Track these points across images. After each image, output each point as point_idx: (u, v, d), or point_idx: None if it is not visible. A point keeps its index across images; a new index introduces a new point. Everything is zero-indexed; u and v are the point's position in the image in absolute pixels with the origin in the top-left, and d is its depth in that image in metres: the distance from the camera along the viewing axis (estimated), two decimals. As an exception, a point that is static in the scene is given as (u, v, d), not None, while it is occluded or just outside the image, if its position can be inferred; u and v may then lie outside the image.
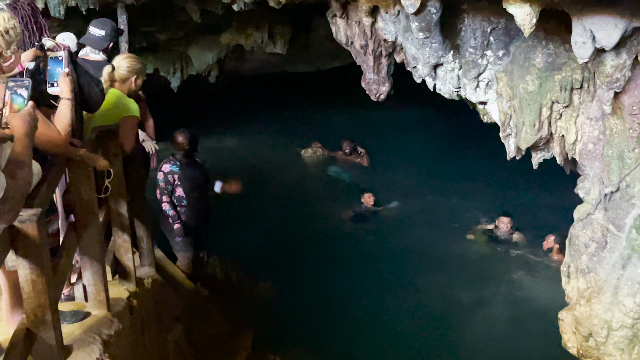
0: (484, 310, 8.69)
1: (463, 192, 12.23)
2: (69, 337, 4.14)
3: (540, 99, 5.62)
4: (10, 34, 3.41)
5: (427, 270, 9.74)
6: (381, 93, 7.09)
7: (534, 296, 8.85)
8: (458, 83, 6.34)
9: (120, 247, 5.26)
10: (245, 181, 12.72)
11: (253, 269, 9.52)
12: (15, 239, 3.07)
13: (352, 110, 15.99)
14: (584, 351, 5.55)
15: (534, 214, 10.98)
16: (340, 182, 13.30)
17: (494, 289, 9.23)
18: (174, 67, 12.58)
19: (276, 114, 16.42)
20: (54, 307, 3.36)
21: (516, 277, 9.45)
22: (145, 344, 5.35)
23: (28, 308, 3.24)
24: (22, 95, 2.99)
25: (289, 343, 8.05)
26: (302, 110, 16.53)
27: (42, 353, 3.33)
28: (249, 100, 16.58)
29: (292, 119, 16.35)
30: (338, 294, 9.08)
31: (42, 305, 3.23)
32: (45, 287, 3.20)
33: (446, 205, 11.86)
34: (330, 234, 10.83)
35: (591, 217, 5.52)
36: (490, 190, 12.09)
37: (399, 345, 8.09)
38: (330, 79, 16.42)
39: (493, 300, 8.95)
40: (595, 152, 5.56)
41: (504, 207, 10.77)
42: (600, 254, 5.37)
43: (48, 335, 3.30)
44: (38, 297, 3.21)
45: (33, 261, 3.14)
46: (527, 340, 7.90)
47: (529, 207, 11.29)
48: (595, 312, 5.35)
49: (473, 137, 13.17)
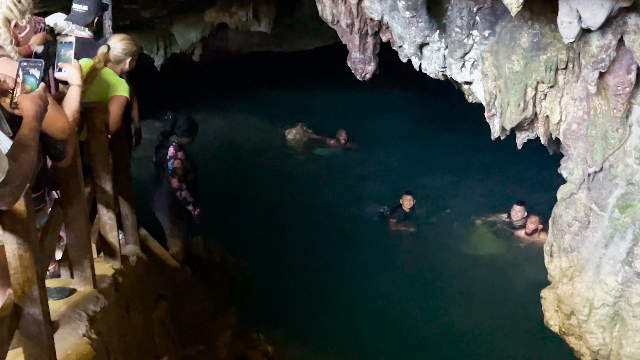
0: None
1: (450, 172, 12.33)
2: (55, 314, 4.15)
3: (525, 79, 5.62)
4: (22, 2, 3.39)
5: (410, 248, 9.84)
6: (367, 72, 7.07)
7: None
8: (444, 63, 6.34)
9: (105, 224, 5.25)
10: (228, 161, 12.78)
11: (236, 249, 9.55)
12: (2, 214, 3.05)
13: (337, 91, 15.98)
14: (566, 329, 5.62)
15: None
16: (325, 163, 13.31)
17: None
18: (157, 45, 12.51)
19: (260, 93, 16.40)
20: (41, 283, 3.34)
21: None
22: (130, 321, 5.35)
23: (15, 283, 3.22)
24: (34, 75, 2.95)
25: (272, 321, 8.10)
26: (287, 90, 16.50)
27: (29, 328, 3.32)
28: (233, 80, 16.52)
29: (277, 99, 16.34)
30: (321, 273, 9.16)
31: (29, 280, 3.21)
32: (33, 262, 3.19)
33: (435, 186, 11.95)
34: (313, 214, 10.87)
35: (574, 197, 5.57)
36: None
37: (381, 322, 8.17)
38: (316, 58, 16.39)
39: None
40: (579, 132, 5.59)
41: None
42: (583, 233, 5.43)
43: (35, 310, 3.28)
44: (25, 272, 3.19)
45: (20, 236, 3.12)
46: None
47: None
48: (578, 291, 5.41)
49: (457, 118, 13.23)
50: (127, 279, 5.36)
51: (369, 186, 12.06)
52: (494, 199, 10.92)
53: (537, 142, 6.23)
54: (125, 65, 5.55)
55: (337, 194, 11.76)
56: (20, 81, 2.92)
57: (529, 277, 8.38)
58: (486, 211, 10.58)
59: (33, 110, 2.85)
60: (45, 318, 3.38)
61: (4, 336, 3.10)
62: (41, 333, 3.36)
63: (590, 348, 5.40)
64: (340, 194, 11.77)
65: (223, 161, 12.81)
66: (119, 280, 5.13)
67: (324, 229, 10.43)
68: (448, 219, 10.65)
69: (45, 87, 3.00)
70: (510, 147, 6.63)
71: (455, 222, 10.51)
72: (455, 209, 10.90)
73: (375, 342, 7.86)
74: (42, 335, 3.36)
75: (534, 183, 10.97)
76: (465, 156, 12.73)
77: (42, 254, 3.46)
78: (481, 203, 10.94)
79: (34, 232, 3.26)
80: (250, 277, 9.03)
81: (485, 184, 11.68)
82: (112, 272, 5.11)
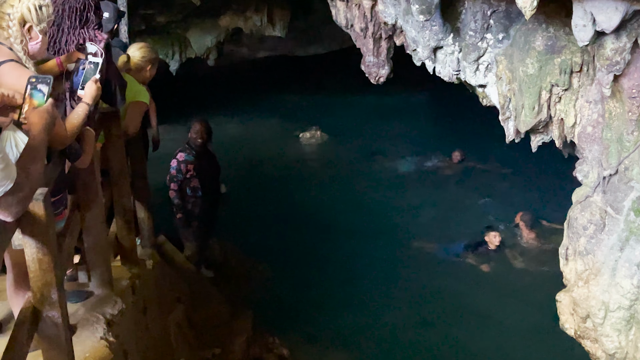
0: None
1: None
2: (73, 317, 4.20)
3: (539, 82, 5.62)
4: (42, 11, 3.45)
5: (428, 249, 9.84)
6: (381, 76, 7.09)
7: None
8: (458, 66, 6.34)
9: (122, 228, 5.30)
10: (243, 165, 12.83)
11: (252, 252, 9.59)
12: (22, 218, 3.10)
13: (351, 95, 16.00)
14: (582, 332, 5.60)
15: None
16: (338, 166, 13.33)
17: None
18: (172, 50, 12.57)
19: (275, 97, 16.44)
20: (60, 286, 3.39)
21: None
22: (147, 325, 5.40)
23: (34, 286, 3.27)
24: (42, 91, 2.99)
25: (288, 325, 8.12)
26: (301, 93, 16.54)
27: (48, 331, 3.37)
28: (248, 84, 16.58)
29: (291, 102, 16.39)
30: (337, 277, 9.16)
31: (48, 283, 3.27)
32: (52, 266, 3.24)
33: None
34: (328, 217, 10.88)
35: (590, 200, 5.55)
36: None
37: (401, 327, 8.17)
38: (329, 62, 16.43)
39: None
40: (594, 135, 5.58)
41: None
42: (599, 236, 5.41)
43: (54, 313, 3.33)
44: (44, 275, 3.25)
45: (39, 240, 3.17)
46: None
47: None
48: (593, 294, 5.39)
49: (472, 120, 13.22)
50: (144, 283, 5.41)
51: (385, 191, 12.05)
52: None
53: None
54: (146, 72, 5.64)
55: (353, 196, 11.77)
56: (29, 97, 2.97)
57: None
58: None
59: (40, 124, 2.92)
60: (64, 321, 3.43)
61: (23, 338, 3.16)
62: (60, 336, 3.41)
63: (606, 351, 5.39)
64: (356, 196, 11.78)
65: (238, 165, 12.86)
66: (136, 283, 5.18)
67: (340, 230, 10.44)
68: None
69: (53, 102, 3.05)
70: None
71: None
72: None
73: (395, 346, 7.85)
74: (60, 338, 3.41)
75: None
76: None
77: (60, 258, 3.50)
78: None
79: (53, 236, 3.31)
80: (266, 281, 9.06)
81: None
82: (129, 275, 5.16)
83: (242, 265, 9.27)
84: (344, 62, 13.51)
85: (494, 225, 10.15)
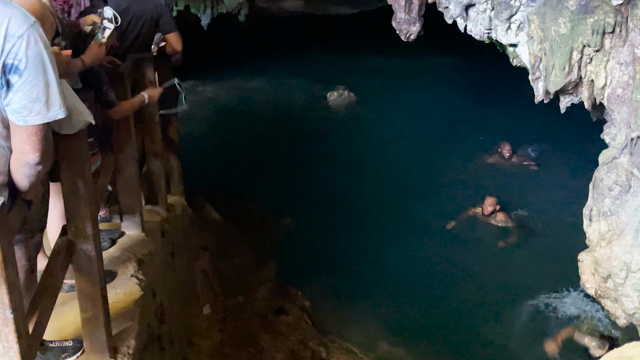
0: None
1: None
2: (105, 254, 4.31)
3: (571, 42, 5.60)
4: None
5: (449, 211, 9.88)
6: (411, 33, 7.06)
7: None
8: (489, 24, 6.31)
9: (153, 173, 5.41)
10: (270, 122, 12.91)
11: (277, 207, 9.71)
12: (60, 151, 3.20)
13: (381, 55, 15.92)
14: (602, 292, 5.65)
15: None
16: (364, 126, 13.32)
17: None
18: (204, 4, 12.53)
19: (303, 56, 16.39)
20: (94, 221, 3.48)
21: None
22: (175, 268, 5.54)
23: (70, 219, 3.37)
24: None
25: (310, 277, 8.27)
26: (329, 53, 16.48)
27: (82, 263, 3.46)
28: (277, 42, 16.54)
29: (319, 61, 16.33)
30: (360, 232, 9.26)
31: (83, 217, 3.36)
32: (87, 200, 3.33)
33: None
34: (353, 175, 10.93)
35: (616, 161, 5.56)
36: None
37: (419, 283, 8.28)
38: (359, 22, 16.32)
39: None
40: (623, 97, 5.56)
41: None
42: (624, 197, 5.42)
43: (88, 247, 3.43)
44: (80, 209, 3.33)
45: (76, 174, 3.27)
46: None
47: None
48: (615, 254, 5.42)
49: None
50: (172, 227, 5.54)
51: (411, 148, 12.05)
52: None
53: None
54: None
55: (378, 155, 11.80)
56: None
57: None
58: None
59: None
60: (98, 255, 3.52)
61: (59, 267, 3.28)
62: (92, 269, 3.50)
63: (625, 311, 5.44)
64: (381, 155, 11.80)
65: (265, 123, 12.94)
66: (165, 227, 5.31)
67: (364, 188, 10.51)
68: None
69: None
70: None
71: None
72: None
73: (413, 302, 7.98)
74: (93, 271, 3.50)
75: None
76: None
77: (95, 194, 3.60)
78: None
79: (89, 171, 3.41)
80: (290, 235, 9.18)
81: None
82: (158, 219, 5.28)
83: (266, 219, 9.40)
84: (374, 23, 13.40)
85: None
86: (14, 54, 2.40)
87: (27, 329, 2.74)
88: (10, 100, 2.46)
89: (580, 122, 7.68)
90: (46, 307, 3.12)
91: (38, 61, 2.45)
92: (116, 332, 3.82)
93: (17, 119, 2.50)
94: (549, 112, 6.83)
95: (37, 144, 2.56)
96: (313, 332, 7.29)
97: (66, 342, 3.65)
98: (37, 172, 2.65)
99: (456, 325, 7.66)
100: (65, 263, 3.41)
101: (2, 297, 2.46)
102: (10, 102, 2.47)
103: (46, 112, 2.52)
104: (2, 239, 2.39)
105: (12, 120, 2.52)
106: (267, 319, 7.15)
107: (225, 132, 12.45)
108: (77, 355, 3.63)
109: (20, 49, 2.40)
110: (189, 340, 5.69)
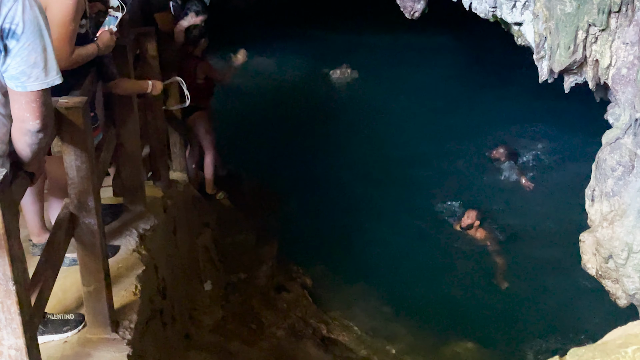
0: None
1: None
2: (107, 229, 4.32)
3: (577, 22, 5.56)
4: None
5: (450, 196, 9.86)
6: (416, 10, 7.01)
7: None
8: (495, 2, 6.26)
9: (155, 149, 5.40)
10: (273, 99, 12.85)
11: (279, 185, 9.70)
12: (62, 126, 3.19)
13: (384, 33, 15.81)
14: (603, 272, 5.65)
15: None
16: (368, 103, 13.27)
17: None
18: (205, -20, 12.44)
19: (306, 33, 16.29)
20: (97, 195, 3.48)
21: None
22: (177, 244, 5.55)
23: (72, 193, 3.36)
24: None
25: (311, 255, 8.28)
26: (333, 31, 16.38)
27: (84, 237, 3.47)
28: (279, 18, 16.44)
29: (322, 39, 16.23)
30: (361, 210, 9.26)
31: (85, 191, 3.35)
32: (90, 173, 3.32)
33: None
34: (355, 153, 10.91)
35: (620, 142, 5.53)
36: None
37: (418, 258, 8.32)
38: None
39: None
40: (628, 77, 5.53)
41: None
42: (627, 177, 5.41)
43: (91, 220, 3.43)
44: (82, 183, 3.33)
45: (78, 147, 3.26)
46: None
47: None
48: (617, 235, 5.41)
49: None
50: (174, 203, 5.54)
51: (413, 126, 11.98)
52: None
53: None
54: None
55: (379, 133, 11.75)
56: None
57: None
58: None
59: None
60: (100, 229, 3.52)
61: (61, 240, 3.28)
62: (95, 243, 3.51)
63: (626, 291, 5.44)
64: (383, 133, 11.76)
65: (267, 101, 12.89)
66: (167, 203, 5.31)
67: (366, 168, 10.49)
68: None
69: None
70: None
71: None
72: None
73: (414, 280, 7.99)
74: (96, 245, 3.52)
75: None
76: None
77: (97, 168, 3.60)
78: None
79: (91, 145, 3.40)
80: (291, 213, 9.17)
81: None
82: (161, 195, 5.29)
83: (267, 198, 9.38)
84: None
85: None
86: (10, 18, 2.36)
87: (29, 301, 2.75)
88: (9, 66, 2.43)
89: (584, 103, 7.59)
90: (48, 279, 3.13)
91: (35, 25, 2.42)
92: (118, 307, 3.84)
93: (16, 85, 2.47)
94: (553, 96, 6.76)
95: (37, 111, 2.53)
96: (314, 309, 7.31)
97: (68, 316, 3.67)
98: (39, 140, 2.63)
99: (456, 303, 7.68)
100: (68, 236, 3.42)
101: (4, 269, 2.46)
102: (8, 68, 2.44)
103: (45, 78, 2.50)
104: (5, 211, 2.39)
105: (11, 87, 2.49)
106: (268, 295, 7.17)
107: (226, 110, 12.40)
108: (79, 329, 3.65)
109: (16, 12, 2.37)
110: (191, 315, 5.70)
